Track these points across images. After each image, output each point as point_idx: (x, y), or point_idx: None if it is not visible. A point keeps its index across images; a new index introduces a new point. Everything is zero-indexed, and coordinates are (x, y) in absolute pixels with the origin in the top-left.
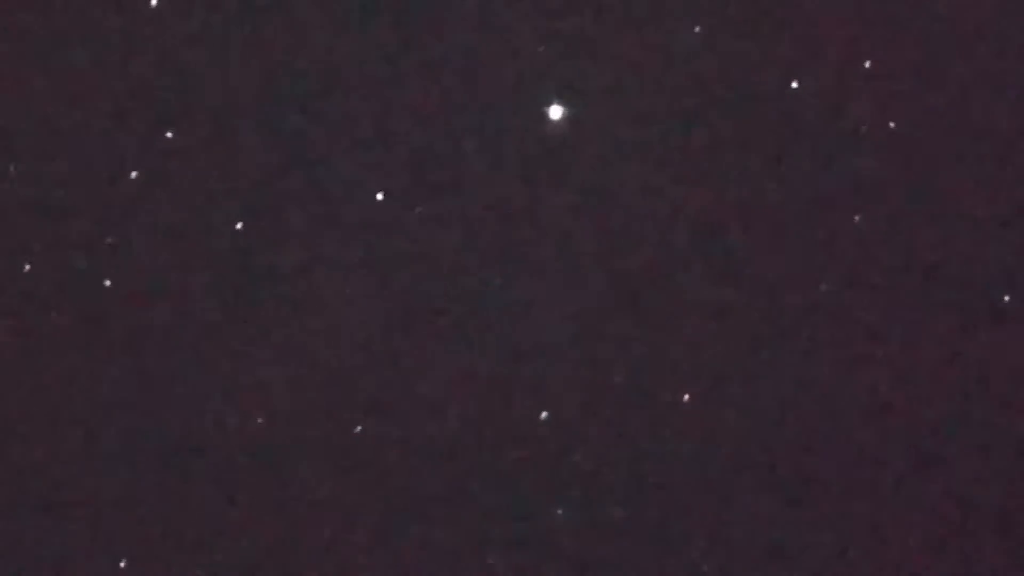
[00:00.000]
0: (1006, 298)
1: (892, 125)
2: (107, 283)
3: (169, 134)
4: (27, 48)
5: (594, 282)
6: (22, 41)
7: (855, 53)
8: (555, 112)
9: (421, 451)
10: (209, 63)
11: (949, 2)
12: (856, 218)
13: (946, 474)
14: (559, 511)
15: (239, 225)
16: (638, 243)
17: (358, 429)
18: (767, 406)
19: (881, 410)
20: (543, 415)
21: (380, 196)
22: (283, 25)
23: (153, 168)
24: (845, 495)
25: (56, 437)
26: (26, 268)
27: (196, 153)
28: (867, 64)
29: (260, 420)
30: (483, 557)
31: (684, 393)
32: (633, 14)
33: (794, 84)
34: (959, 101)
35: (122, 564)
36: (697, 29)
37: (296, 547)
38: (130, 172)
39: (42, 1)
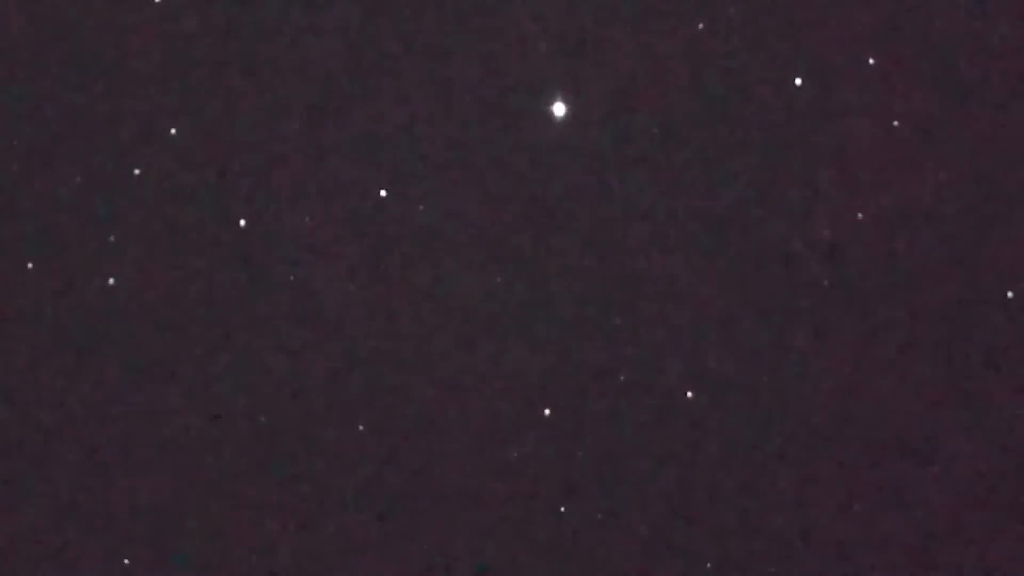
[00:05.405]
0: (1009, 294)
1: (896, 123)
2: (111, 281)
3: (172, 131)
4: (29, 45)
5: (595, 281)
6: (24, 38)
7: (859, 50)
8: (559, 110)
9: (422, 449)
10: (211, 61)
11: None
12: (859, 215)
13: (948, 473)
14: (562, 508)
15: (242, 223)
16: (639, 242)
17: (361, 428)
18: (770, 404)
19: (882, 408)
20: (546, 411)
21: (383, 193)
22: (285, 24)
23: (156, 165)
24: (847, 494)
25: (56, 436)
26: (29, 265)
27: (199, 150)
28: (871, 61)
29: (262, 419)
30: (484, 555)
31: (688, 390)
32: (636, 12)
33: (798, 81)
34: (962, 99)
35: (125, 562)
36: (700, 26)
37: (296, 545)
38: (133, 169)
39: None
